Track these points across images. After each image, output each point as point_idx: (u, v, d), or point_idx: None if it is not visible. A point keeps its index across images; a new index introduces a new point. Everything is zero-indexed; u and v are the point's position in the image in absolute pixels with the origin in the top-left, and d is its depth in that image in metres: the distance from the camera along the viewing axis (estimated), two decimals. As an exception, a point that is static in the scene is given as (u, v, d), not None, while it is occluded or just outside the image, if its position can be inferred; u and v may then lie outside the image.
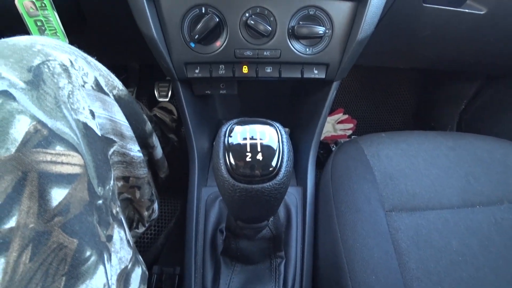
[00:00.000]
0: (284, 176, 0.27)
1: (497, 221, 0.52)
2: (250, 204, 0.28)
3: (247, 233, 0.40)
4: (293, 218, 0.54)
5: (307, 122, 0.64)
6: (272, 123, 0.30)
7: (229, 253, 0.47)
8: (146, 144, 0.52)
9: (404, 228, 0.49)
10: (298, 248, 0.52)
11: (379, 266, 0.44)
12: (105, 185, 0.35)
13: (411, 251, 0.47)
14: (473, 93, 0.97)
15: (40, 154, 0.26)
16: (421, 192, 0.52)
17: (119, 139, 0.42)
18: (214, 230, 0.52)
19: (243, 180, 0.27)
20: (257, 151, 0.26)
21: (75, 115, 0.32)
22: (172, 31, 0.47)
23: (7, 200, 0.25)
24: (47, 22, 0.49)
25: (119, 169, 0.45)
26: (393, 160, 0.55)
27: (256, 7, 0.45)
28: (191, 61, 0.50)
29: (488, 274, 0.47)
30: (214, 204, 0.54)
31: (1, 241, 0.24)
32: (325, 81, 0.53)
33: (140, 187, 0.49)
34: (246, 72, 0.51)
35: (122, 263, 0.37)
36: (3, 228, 0.24)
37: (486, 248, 0.49)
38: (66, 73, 0.32)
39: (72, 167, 0.29)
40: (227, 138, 0.28)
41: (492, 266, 0.47)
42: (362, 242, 0.46)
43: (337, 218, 0.49)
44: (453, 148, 0.58)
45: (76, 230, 0.29)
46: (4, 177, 0.24)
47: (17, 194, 0.25)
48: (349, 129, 1.08)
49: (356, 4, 0.46)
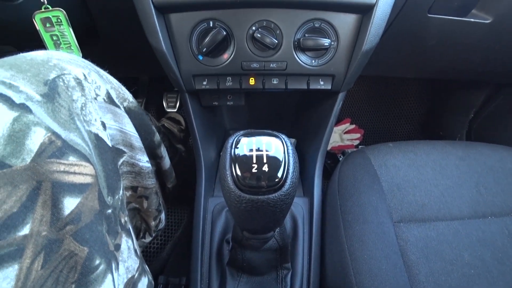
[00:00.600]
0: (290, 187, 0.27)
1: (510, 233, 0.50)
2: (256, 215, 0.29)
3: (253, 244, 0.40)
4: (300, 229, 0.53)
5: (313, 132, 0.64)
6: (278, 134, 0.30)
7: (235, 264, 0.47)
8: (155, 154, 0.53)
9: (413, 240, 0.48)
10: (305, 259, 0.51)
11: (387, 278, 0.43)
12: (114, 195, 0.36)
13: (420, 264, 0.46)
14: (482, 102, 0.95)
15: (54, 164, 0.27)
16: (430, 203, 0.52)
17: (129, 150, 0.43)
18: (221, 240, 0.52)
19: (249, 191, 0.27)
20: (263, 162, 0.27)
21: (87, 127, 0.33)
22: (181, 45, 0.49)
23: (22, 208, 0.25)
24: (62, 37, 0.51)
25: (128, 179, 0.45)
26: (400, 170, 0.54)
27: (263, 20, 0.47)
28: (199, 73, 0.51)
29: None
30: (221, 215, 0.54)
31: (16, 248, 0.25)
32: (331, 92, 0.54)
33: (148, 197, 0.50)
34: (253, 84, 0.51)
35: (129, 272, 0.38)
36: (18, 236, 0.25)
37: (500, 261, 0.47)
38: (80, 86, 0.34)
39: (84, 177, 0.30)
40: (233, 149, 0.28)
41: (507, 280, 0.46)
42: (370, 254, 0.45)
43: (344, 229, 0.49)
44: (462, 157, 0.57)
45: (86, 239, 0.29)
46: (19, 186, 0.25)
47: (31, 202, 0.26)
48: (357, 139, 1.08)
49: (361, 16, 0.47)
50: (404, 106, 1.16)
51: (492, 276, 0.46)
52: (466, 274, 0.46)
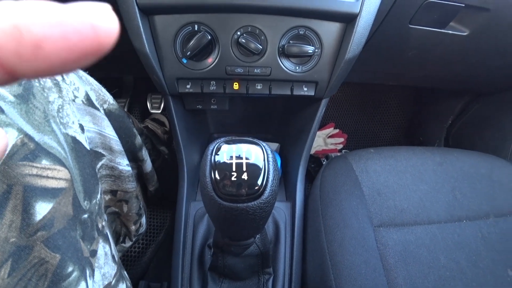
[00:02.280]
0: (270, 195, 0.27)
1: (483, 236, 0.52)
2: (236, 222, 0.29)
3: (234, 250, 0.40)
4: (282, 233, 0.53)
5: (297, 137, 0.64)
6: (258, 142, 0.30)
7: (217, 269, 0.46)
8: (136, 157, 0.52)
9: (392, 244, 0.49)
10: (287, 264, 0.52)
11: (366, 283, 0.44)
12: (91, 199, 0.35)
13: (399, 267, 0.47)
14: (459, 109, 0.99)
15: (26, 168, 0.26)
16: (409, 208, 0.53)
17: (108, 153, 0.42)
18: (202, 245, 0.51)
19: (228, 199, 0.27)
20: (243, 170, 0.27)
21: (64, 129, 0.32)
22: (165, 47, 0.48)
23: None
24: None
25: (107, 182, 0.44)
26: (381, 176, 0.55)
27: (248, 26, 0.47)
28: (183, 77, 0.51)
29: (476, 290, 0.47)
30: (203, 219, 0.53)
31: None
32: (315, 98, 0.55)
33: (128, 201, 0.49)
34: (237, 89, 0.51)
35: (105, 279, 0.37)
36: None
37: (474, 263, 0.49)
38: (57, 88, 0.33)
39: (58, 181, 0.29)
40: (213, 156, 0.28)
41: (480, 281, 0.48)
42: (349, 258, 0.46)
43: (325, 234, 0.49)
44: (440, 163, 0.59)
45: (59, 245, 0.28)
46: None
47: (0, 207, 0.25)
48: (340, 143, 1.10)
49: (345, 25, 0.48)
50: (386, 112, 1.20)
51: (466, 277, 0.48)
52: (442, 276, 0.47)
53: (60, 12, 0.09)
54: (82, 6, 0.09)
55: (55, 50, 0.09)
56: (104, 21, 0.09)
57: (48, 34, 0.09)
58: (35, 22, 0.08)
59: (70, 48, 0.09)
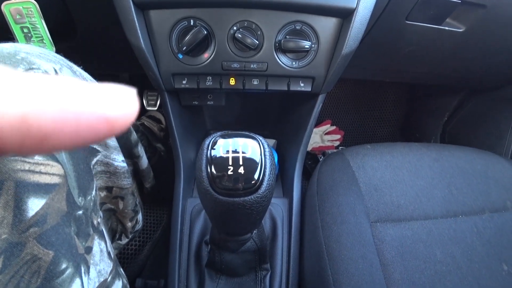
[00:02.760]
0: (266, 190, 0.27)
1: (479, 231, 0.53)
2: (232, 217, 0.28)
3: (231, 246, 0.39)
4: (279, 229, 0.53)
5: (293, 133, 0.64)
6: (255, 136, 0.30)
7: (214, 266, 0.46)
8: (131, 154, 0.51)
9: (389, 239, 0.49)
10: (284, 260, 0.52)
11: (364, 278, 0.44)
12: (86, 196, 0.35)
13: (396, 262, 0.47)
14: (455, 106, 1.00)
15: (18, 163, 0.26)
16: (406, 203, 0.53)
17: (103, 149, 0.42)
18: (199, 241, 0.51)
19: (225, 193, 0.27)
20: (239, 164, 0.27)
21: None
22: (161, 42, 0.48)
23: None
24: (34, 30, 0.49)
25: (102, 179, 0.44)
26: (378, 172, 0.55)
27: (244, 21, 0.46)
28: (179, 72, 0.50)
29: (472, 283, 0.47)
30: (200, 216, 0.53)
31: None
32: (311, 94, 0.54)
33: (123, 198, 0.48)
34: (233, 84, 0.51)
35: (101, 276, 0.36)
36: None
37: (469, 258, 0.50)
38: None
39: (51, 177, 0.28)
40: (209, 151, 0.28)
41: (475, 276, 0.48)
42: (347, 254, 0.46)
43: (322, 230, 0.49)
44: (436, 159, 0.59)
45: (52, 242, 0.28)
46: None
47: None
48: (337, 140, 1.10)
49: (341, 20, 0.48)
50: (383, 108, 1.20)
51: (462, 272, 0.48)
52: (439, 271, 0.48)
53: (76, 100, 0.08)
54: (103, 91, 0.08)
55: (61, 141, 0.08)
56: (121, 110, 0.09)
57: (58, 129, 0.08)
58: (46, 115, 0.08)
59: (77, 139, 0.08)
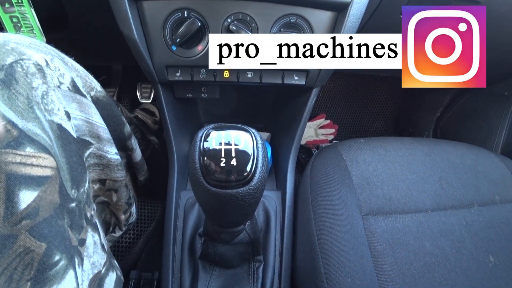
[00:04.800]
0: (259, 182, 0.27)
1: (467, 224, 0.54)
2: (225, 209, 0.29)
3: (224, 237, 0.40)
4: (272, 222, 0.54)
5: (287, 126, 0.64)
6: (247, 128, 0.30)
7: (208, 258, 0.47)
8: (125, 146, 0.51)
9: (380, 232, 0.50)
10: (277, 252, 0.52)
11: (355, 269, 0.45)
12: (79, 188, 0.35)
13: (386, 254, 0.48)
14: (448, 101, 1.01)
15: (9, 155, 0.26)
16: (397, 197, 0.54)
17: (96, 141, 0.41)
18: (193, 234, 0.51)
19: (217, 185, 0.27)
20: (232, 156, 0.27)
21: (49, 116, 0.31)
22: (154, 34, 0.47)
23: None
24: (23, 19, 0.48)
25: (95, 171, 0.44)
26: (370, 165, 0.56)
27: (238, 13, 0.46)
28: (172, 64, 0.50)
29: (459, 274, 0.48)
30: (193, 208, 0.53)
31: None
32: (305, 88, 0.54)
33: (117, 190, 0.48)
34: (227, 77, 0.51)
35: (95, 267, 0.36)
36: None
37: (457, 250, 0.51)
38: (41, 73, 0.31)
39: (43, 169, 0.28)
40: (202, 142, 0.28)
41: (463, 267, 0.49)
42: (338, 245, 0.46)
43: (314, 222, 0.50)
44: (428, 153, 0.60)
45: (44, 234, 0.28)
46: None
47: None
48: (331, 134, 1.10)
49: (336, 14, 0.48)
50: (377, 103, 1.21)
51: (450, 263, 0.49)
52: (428, 262, 0.49)
53: None
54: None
55: None
56: None
57: None
58: None
59: None
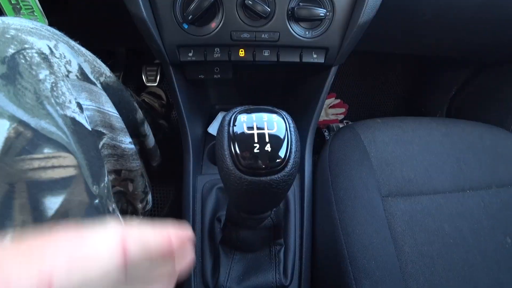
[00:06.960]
0: (293, 167, 0.26)
1: (485, 205, 0.53)
2: (257, 196, 0.27)
3: (250, 224, 0.39)
4: (291, 205, 0.53)
5: (304, 108, 0.62)
6: (278, 111, 0.28)
7: (230, 243, 0.47)
8: (138, 133, 0.49)
9: (399, 213, 0.50)
10: (297, 235, 0.52)
11: (377, 251, 0.44)
12: (100, 183, 0.32)
13: (406, 235, 0.48)
14: (463, 80, 0.98)
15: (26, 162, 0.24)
16: (416, 178, 0.53)
17: (109, 131, 0.39)
18: (212, 219, 0.51)
19: (250, 172, 0.25)
20: (265, 141, 0.25)
21: (61, 111, 0.28)
22: (164, 11, 0.44)
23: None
24: (22, 0, 0.45)
25: (110, 162, 0.42)
26: (389, 146, 0.55)
27: (255, -15, 0.43)
28: (184, 44, 0.47)
29: (477, 256, 0.49)
30: (211, 193, 0.53)
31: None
32: (324, 66, 0.52)
33: (133, 180, 0.47)
34: (242, 56, 0.48)
35: None
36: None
37: (475, 231, 0.51)
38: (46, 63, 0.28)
39: (65, 170, 0.26)
40: (231, 127, 0.26)
41: (480, 249, 0.49)
42: (361, 228, 0.46)
43: (336, 204, 0.49)
44: (446, 134, 0.59)
45: None
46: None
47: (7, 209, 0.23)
48: (341, 113, 1.08)
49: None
50: (388, 82, 1.17)
51: (468, 244, 0.49)
52: (446, 243, 0.49)
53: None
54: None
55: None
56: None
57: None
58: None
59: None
